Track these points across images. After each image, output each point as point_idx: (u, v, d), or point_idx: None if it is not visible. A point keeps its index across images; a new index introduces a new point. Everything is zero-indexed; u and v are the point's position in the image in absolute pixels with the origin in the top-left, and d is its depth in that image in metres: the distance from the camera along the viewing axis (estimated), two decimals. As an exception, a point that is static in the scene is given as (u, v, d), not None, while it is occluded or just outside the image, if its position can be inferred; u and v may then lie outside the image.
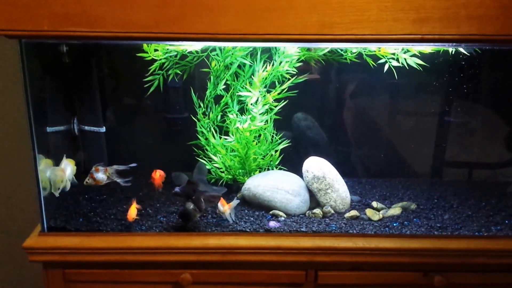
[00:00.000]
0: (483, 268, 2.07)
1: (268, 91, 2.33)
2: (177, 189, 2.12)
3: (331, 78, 2.55)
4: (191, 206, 2.08)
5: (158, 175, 2.19)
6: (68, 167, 2.21)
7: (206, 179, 2.34)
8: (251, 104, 2.32)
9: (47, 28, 1.71)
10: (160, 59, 2.26)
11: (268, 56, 2.32)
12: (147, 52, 2.23)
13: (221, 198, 2.14)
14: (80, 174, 2.31)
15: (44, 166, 2.10)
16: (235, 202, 2.14)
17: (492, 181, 2.69)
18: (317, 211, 2.24)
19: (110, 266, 2.05)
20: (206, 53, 2.29)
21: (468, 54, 2.25)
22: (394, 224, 2.16)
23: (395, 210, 2.27)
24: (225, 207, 2.12)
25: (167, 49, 2.25)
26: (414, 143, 2.66)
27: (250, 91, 2.30)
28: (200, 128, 2.43)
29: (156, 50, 2.24)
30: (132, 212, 2.10)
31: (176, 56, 2.28)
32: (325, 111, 2.65)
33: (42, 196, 2.04)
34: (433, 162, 2.68)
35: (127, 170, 2.16)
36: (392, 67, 2.20)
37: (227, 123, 2.42)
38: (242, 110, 2.39)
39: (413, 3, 1.71)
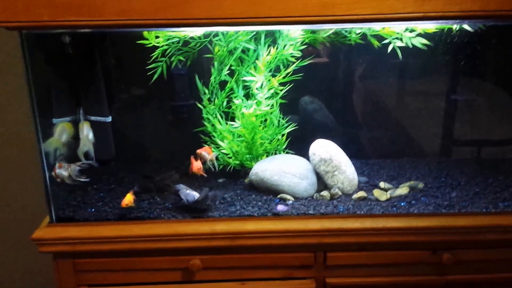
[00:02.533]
0: (491, 245, 2.07)
1: (273, 75, 2.33)
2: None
3: (337, 60, 2.54)
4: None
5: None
6: (89, 133, 2.24)
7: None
8: (256, 88, 2.31)
9: (47, 19, 1.71)
10: (162, 46, 2.26)
11: (272, 40, 2.31)
12: (148, 39, 2.22)
13: (207, 147, 2.28)
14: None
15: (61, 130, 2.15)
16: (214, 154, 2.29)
17: (499, 158, 2.68)
18: (325, 193, 2.24)
19: (119, 255, 2.06)
20: (208, 39, 2.29)
21: (472, 31, 2.23)
22: (402, 204, 2.16)
23: (403, 190, 2.27)
24: (211, 155, 2.26)
25: (169, 36, 2.25)
26: (421, 122, 2.65)
27: (254, 76, 2.29)
28: (206, 114, 2.43)
29: (157, 37, 2.23)
30: (127, 199, 2.11)
31: (178, 42, 2.28)
32: (332, 94, 2.64)
33: (49, 187, 2.05)
34: (440, 140, 2.67)
35: (86, 168, 2.21)
36: (397, 48, 2.19)
37: (233, 109, 2.41)
38: (248, 95, 2.39)
39: (414, -19, 1.70)
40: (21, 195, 2.91)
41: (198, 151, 2.25)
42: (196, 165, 2.22)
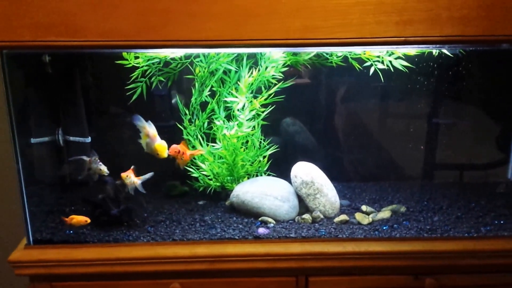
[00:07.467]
0: (473, 269, 2.06)
1: (255, 97, 2.32)
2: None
3: (318, 83, 2.54)
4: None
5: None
6: None
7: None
8: (238, 110, 2.30)
9: (28, 38, 1.71)
10: (142, 67, 2.24)
11: (254, 61, 2.31)
12: (127, 60, 2.21)
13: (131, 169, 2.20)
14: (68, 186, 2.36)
15: None
16: (148, 175, 2.20)
17: (481, 182, 2.69)
18: (307, 216, 2.23)
19: (98, 278, 2.03)
20: (189, 60, 2.28)
21: (452, 56, 2.25)
22: (384, 228, 2.15)
23: (385, 213, 2.27)
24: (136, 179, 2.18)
25: (150, 56, 2.23)
26: (403, 146, 2.66)
27: (236, 97, 2.28)
28: (187, 135, 2.41)
29: (136, 57, 2.22)
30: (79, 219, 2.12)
31: (159, 63, 2.27)
32: (313, 116, 2.64)
33: (27, 209, 2.02)
34: (422, 164, 2.67)
35: None
36: (378, 70, 2.20)
37: (214, 130, 2.40)
38: (229, 117, 2.38)
39: (395, 5, 1.71)
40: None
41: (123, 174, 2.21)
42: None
